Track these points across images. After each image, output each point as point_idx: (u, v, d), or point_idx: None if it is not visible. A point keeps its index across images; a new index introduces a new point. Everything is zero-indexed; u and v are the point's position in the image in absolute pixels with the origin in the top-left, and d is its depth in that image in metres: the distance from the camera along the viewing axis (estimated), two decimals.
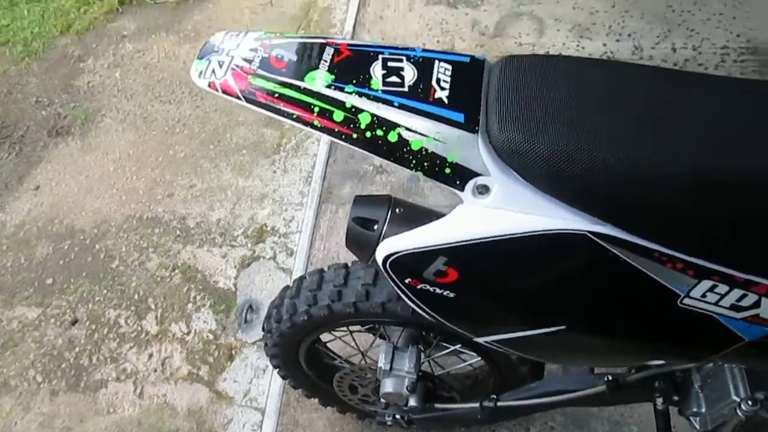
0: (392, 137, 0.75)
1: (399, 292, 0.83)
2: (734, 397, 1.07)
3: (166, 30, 2.66)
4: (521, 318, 0.84)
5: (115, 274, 1.94)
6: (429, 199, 2.03)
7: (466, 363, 1.35)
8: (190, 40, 2.62)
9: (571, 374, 1.20)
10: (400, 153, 0.76)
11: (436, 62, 0.81)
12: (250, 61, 0.79)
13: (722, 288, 0.78)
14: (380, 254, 0.80)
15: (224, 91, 0.78)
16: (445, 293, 0.81)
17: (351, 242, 0.86)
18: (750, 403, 0.99)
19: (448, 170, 0.76)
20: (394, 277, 0.81)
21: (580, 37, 2.41)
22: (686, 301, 0.80)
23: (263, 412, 1.68)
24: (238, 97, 0.78)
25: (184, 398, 1.72)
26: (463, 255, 0.77)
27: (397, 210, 0.84)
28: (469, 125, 0.75)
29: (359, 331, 1.36)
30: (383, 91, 0.76)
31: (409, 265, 0.79)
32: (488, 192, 0.76)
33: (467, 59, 0.82)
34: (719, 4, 2.46)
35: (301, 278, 1.29)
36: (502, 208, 0.77)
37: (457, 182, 0.76)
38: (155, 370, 1.77)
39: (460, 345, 1.29)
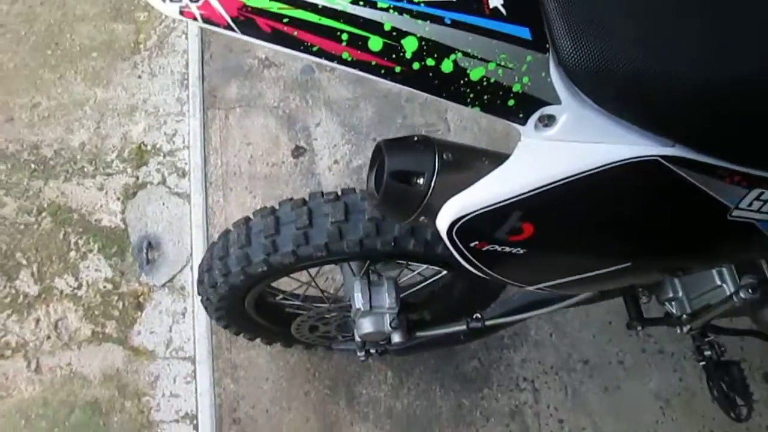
0: (446, 67, 0.57)
1: (459, 257, 0.68)
2: (718, 282, 1.09)
3: None
4: (591, 261, 0.73)
5: None
6: (329, 92, 1.81)
7: (431, 279, 1.26)
8: None
9: None
10: (455, 86, 0.59)
11: None
12: None
13: (767, 194, 0.74)
14: (443, 221, 0.63)
15: (206, 19, 0.54)
16: (515, 251, 0.67)
17: (389, 202, 0.68)
18: (750, 291, 1.00)
19: (511, 102, 0.60)
20: (458, 243, 0.65)
21: None
22: (735, 212, 0.75)
23: (193, 360, 1.49)
24: (229, 27, 0.55)
25: (94, 363, 1.47)
26: (539, 204, 0.64)
27: (444, 156, 0.67)
28: (538, 43, 0.59)
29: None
30: (427, 4, 0.56)
31: (479, 227, 0.64)
32: (554, 123, 0.63)
33: None
34: None
35: (247, 220, 1.09)
36: (568, 140, 0.64)
37: (521, 115, 0.61)
38: (48, 337, 1.48)
39: (426, 265, 1.18)
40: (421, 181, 0.66)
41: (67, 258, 1.56)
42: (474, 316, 1.15)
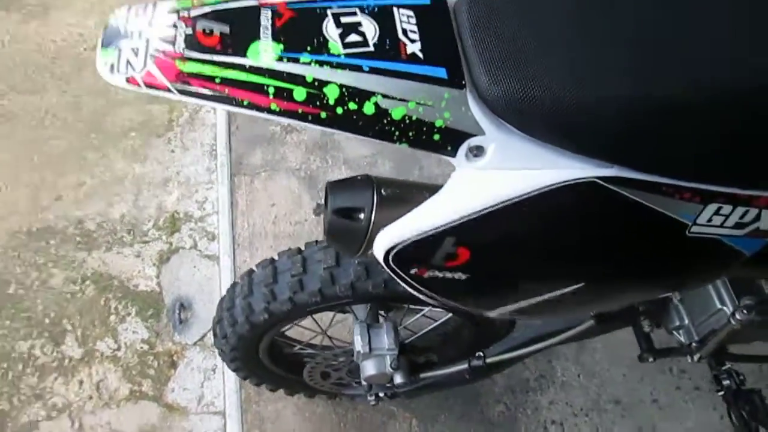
0: (368, 109, 0.62)
1: (404, 284, 0.72)
2: (719, 306, 1.07)
3: (6, 8, 2.28)
4: (539, 284, 0.75)
5: (15, 300, 1.69)
6: (348, 152, 1.90)
7: (438, 323, 1.28)
8: (38, 15, 2.26)
9: None
10: (379, 126, 0.63)
11: (395, 9, 0.68)
12: (172, 42, 0.62)
13: (726, 209, 0.75)
14: (379, 249, 0.68)
15: (149, 86, 0.61)
16: (456, 276, 0.71)
17: (334, 237, 0.74)
18: (745, 312, 0.99)
19: (437, 136, 0.64)
20: (398, 270, 0.70)
21: None
22: (694, 229, 0.75)
23: (224, 415, 1.54)
24: (169, 90, 0.62)
25: (131, 421, 1.55)
26: (472, 230, 0.67)
27: (383, 191, 0.72)
28: (454, 80, 0.63)
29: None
30: (347, 55, 0.62)
31: (414, 254, 0.68)
32: (483, 153, 0.66)
33: (428, 1, 0.70)
34: None
35: (250, 272, 1.15)
36: (501, 167, 0.68)
37: (448, 148, 0.65)
38: (90, 398, 1.57)
39: (430, 308, 1.21)
40: (362, 216, 0.71)
41: (108, 322, 1.67)
42: (476, 355, 1.16)
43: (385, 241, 0.67)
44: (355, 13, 0.66)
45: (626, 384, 1.57)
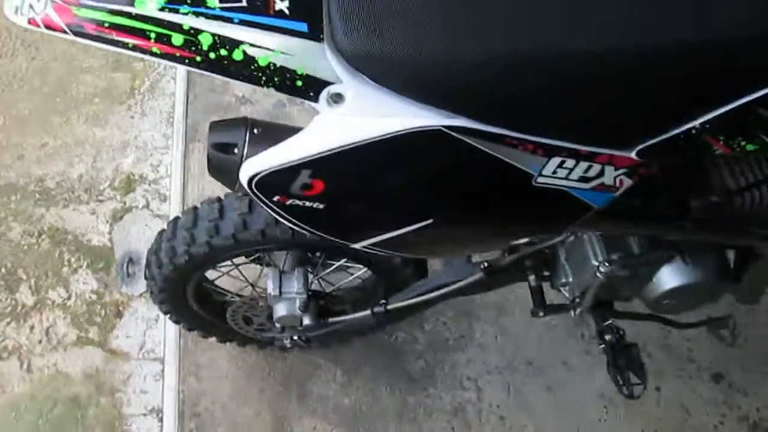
0: (237, 55, 0.73)
1: (270, 211, 0.83)
2: (594, 263, 1.18)
3: None
4: (391, 218, 0.86)
5: None
6: (298, 123, 2.00)
7: (354, 276, 1.39)
8: None
9: (451, 267, 1.27)
10: (248, 71, 0.74)
11: None
12: None
13: (569, 162, 0.84)
14: (244, 176, 0.79)
15: (47, 27, 0.72)
16: (314, 205, 0.82)
17: (214, 170, 0.85)
18: (607, 264, 1.10)
19: (299, 83, 0.75)
20: (261, 197, 0.81)
21: None
22: (540, 179, 0.85)
23: (162, 361, 1.66)
24: (65, 32, 0.72)
25: (77, 364, 1.66)
26: (326, 165, 0.78)
27: (255, 130, 0.83)
28: (314, 34, 0.73)
29: (245, 263, 1.37)
30: (221, 9, 0.73)
31: (274, 182, 0.79)
32: (342, 100, 0.76)
33: None
34: None
35: (176, 219, 1.26)
36: (358, 114, 0.78)
37: (311, 94, 0.76)
38: (40, 342, 1.68)
39: (345, 260, 1.32)
40: (236, 150, 0.82)
41: (61, 273, 1.77)
42: (379, 303, 1.28)
43: (248, 169, 0.78)
44: None
45: (539, 347, 1.69)
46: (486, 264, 1.21)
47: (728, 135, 0.84)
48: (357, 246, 0.91)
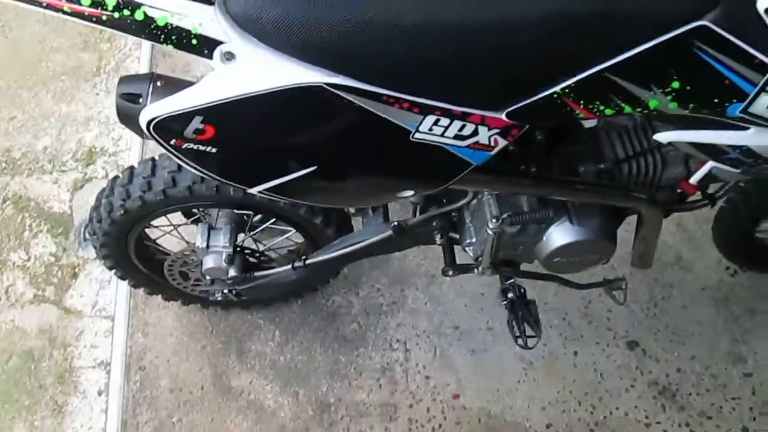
0: (139, 15, 0.84)
1: (168, 152, 0.95)
2: (486, 220, 1.28)
3: None
4: (277, 165, 0.98)
5: None
6: None
7: (284, 237, 1.51)
8: None
9: (367, 226, 1.38)
10: (148, 30, 0.85)
11: None
12: None
13: (444, 121, 0.95)
14: (143, 120, 0.90)
15: None
16: (208, 149, 0.93)
17: (122, 118, 0.97)
18: (495, 221, 1.21)
19: (194, 41, 0.86)
20: (159, 140, 0.92)
21: None
22: (417, 135, 0.96)
23: (113, 319, 1.77)
24: None
25: (33, 320, 1.78)
26: (216, 113, 0.89)
27: (158, 83, 0.95)
28: None
29: (185, 224, 1.48)
30: None
31: (170, 126, 0.90)
32: (234, 58, 0.87)
33: None
34: None
35: (114, 177, 1.38)
36: (248, 70, 0.89)
37: (205, 51, 0.87)
38: None
39: (273, 220, 1.44)
40: (141, 101, 0.94)
41: (22, 237, 1.89)
42: (300, 258, 1.40)
43: (147, 114, 0.90)
44: None
45: (467, 313, 1.80)
46: (396, 223, 1.33)
47: (587, 100, 0.94)
48: (253, 191, 1.02)
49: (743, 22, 0.84)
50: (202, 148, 0.93)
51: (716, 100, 0.93)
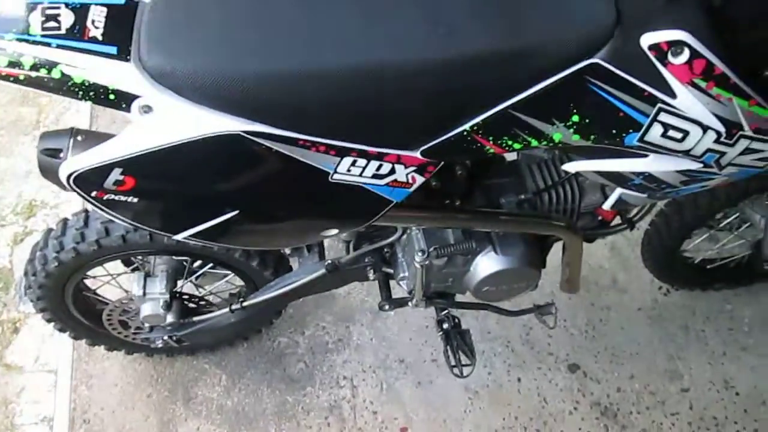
0: (56, 74, 0.87)
1: (90, 205, 0.97)
2: (415, 255, 1.32)
3: None
4: (199, 211, 1.01)
5: None
6: None
7: (223, 280, 1.53)
8: None
9: (303, 266, 1.42)
10: (66, 87, 0.88)
11: (92, 6, 0.92)
12: None
13: (361, 162, 0.99)
14: (63, 174, 0.93)
15: None
16: (129, 199, 0.96)
17: (44, 172, 0.99)
18: (421, 254, 1.26)
19: (112, 96, 0.89)
20: (80, 192, 0.95)
21: None
22: (335, 176, 1.00)
23: (56, 373, 1.75)
24: None
25: None
26: (135, 165, 0.92)
27: (78, 137, 0.98)
28: (122, 55, 0.88)
29: (125, 273, 1.49)
30: (42, 35, 0.87)
31: (90, 179, 0.93)
32: (151, 110, 0.91)
33: (122, 1, 0.95)
34: None
35: (48, 230, 1.39)
36: (165, 122, 0.92)
37: (123, 105, 0.90)
38: None
39: (210, 266, 1.46)
40: (61, 155, 0.96)
41: None
42: (237, 300, 1.42)
43: (66, 168, 0.92)
44: (59, 8, 0.91)
45: (411, 346, 1.83)
46: (329, 261, 1.36)
47: (495, 136, 1.00)
48: (178, 237, 1.05)
49: (630, 58, 0.91)
50: (123, 198, 0.96)
51: (614, 131, 1.00)
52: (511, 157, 1.37)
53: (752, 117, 0.97)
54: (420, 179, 1.06)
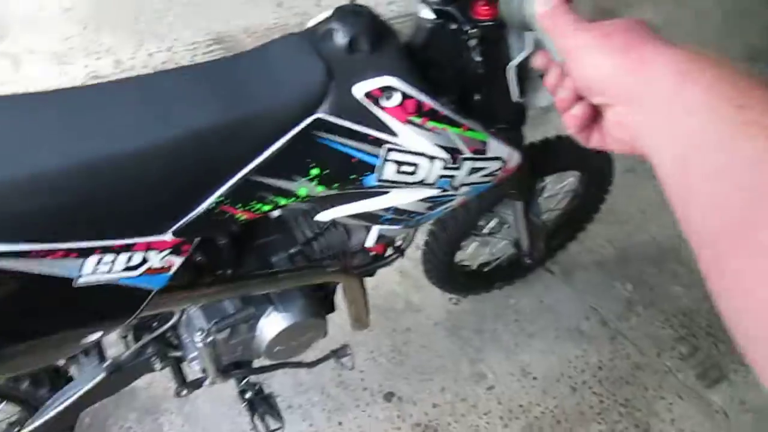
0: None
1: None
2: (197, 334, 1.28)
3: None
4: None
5: None
6: None
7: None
8: None
9: (83, 373, 1.31)
10: None
11: None
12: None
13: (108, 257, 0.94)
14: None
15: None
16: None
17: None
18: (202, 332, 1.22)
19: None
20: None
21: (61, 64, 2.46)
22: (81, 280, 0.93)
23: None
24: None
25: None
26: None
27: None
28: None
29: None
30: None
31: None
32: None
33: None
34: (179, 6, 2.75)
35: None
36: None
37: None
38: None
39: None
40: None
41: None
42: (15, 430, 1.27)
43: None
44: None
45: (226, 419, 1.76)
46: (109, 362, 1.27)
47: (243, 203, 1.01)
48: None
49: (349, 107, 0.97)
50: None
51: (352, 176, 1.05)
52: (275, 213, 1.39)
53: (468, 141, 1.08)
54: (178, 260, 1.04)
